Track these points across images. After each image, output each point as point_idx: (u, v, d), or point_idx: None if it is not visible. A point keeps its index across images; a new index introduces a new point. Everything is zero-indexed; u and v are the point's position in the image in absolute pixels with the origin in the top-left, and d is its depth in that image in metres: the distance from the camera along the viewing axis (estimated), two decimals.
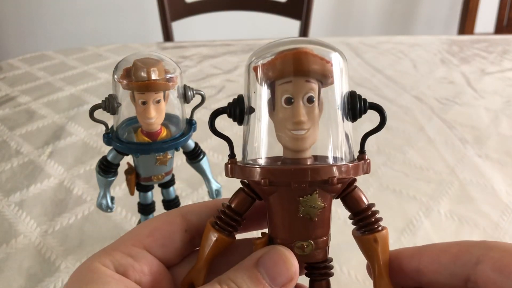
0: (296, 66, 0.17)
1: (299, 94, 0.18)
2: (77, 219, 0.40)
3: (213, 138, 0.55)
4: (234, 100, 0.20)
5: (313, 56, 0.17)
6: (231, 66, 0.78)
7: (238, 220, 0.19)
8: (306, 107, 0.18)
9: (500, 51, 0.89)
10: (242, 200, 0.19)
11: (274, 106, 0.18)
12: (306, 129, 0.18)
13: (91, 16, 1.53)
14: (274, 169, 0.17)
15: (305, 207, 0.18)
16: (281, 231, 0.18)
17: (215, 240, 0.19)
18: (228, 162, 0.20)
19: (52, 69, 0.76)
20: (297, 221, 0.18)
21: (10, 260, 0.36)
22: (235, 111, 0.20)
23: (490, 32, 1.40)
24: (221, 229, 0.19)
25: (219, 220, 0.19)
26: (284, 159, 0.18)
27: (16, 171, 0.48)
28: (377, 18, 1.82)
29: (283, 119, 0.18)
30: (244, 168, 0.18)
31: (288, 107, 0.18)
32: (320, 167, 0.17)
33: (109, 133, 0.30)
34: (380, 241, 0.18)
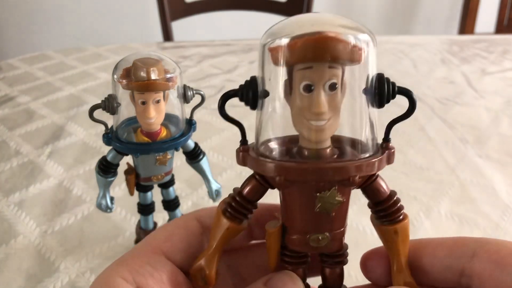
0: (318, 52, 0.15)
1: (320, 81, 0.16)
2: (77, 219, 0.40)
3: (213, 138, 0.55)
4: (247, 82, 0.17)
5: (339, 41, 0.15)
6: (231, 66, 0.78)
7: (249, 208, 0.18)
8: (327, 95, 0.16)
9: (500, 51, 0.88)
10: (254, 188, 0.18)
11: (291, 90, 0.16)
12: (326, 119, 0.16)
13: (90, 16, 1.53)
14: (290, 167, 0.16)
15: (322, 203, 0.17)
16: (296, 223, 0.18)
17: (226, 228, 0.18)
18: (240, 149, 0.18)
19: (52, 69, 0.76)
20: (313, 215, 0.17)
21: (10, 261, 0.35)
22: (247, 95, 0.17)
23: (491, 32, 1.40)
24: (232, 217, 0.18)
25: (230, 207, 0.18)
26: (300, 148, 0.17)
27: (16, 171, 0.48)
28: (377, 18, 1.82)
29: (301, 108, 0.16)
30: (258, 160, 0.17)
31: (307, 95, 0.16)
32: (340, 167, 0.16)
33: (108, 133, 0.29)
34: (401, 233, 0.18)
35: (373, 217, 0.19)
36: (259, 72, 0.18)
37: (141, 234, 0.35)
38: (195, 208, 0.42)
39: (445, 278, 0.18)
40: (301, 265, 0.19)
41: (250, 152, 0.18)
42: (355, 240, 0.38)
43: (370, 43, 0.16)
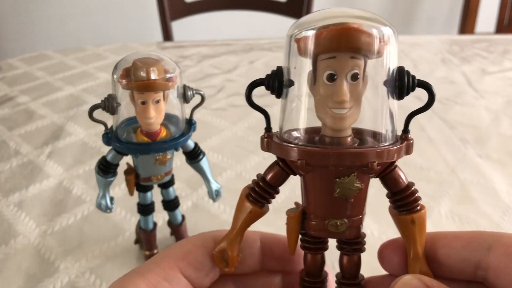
0: (342, 42, 0.16)
1: (343, 71, 0.17)
2: (77, 220, 0.40)
3: (213, 138, 0.54)
4: (273, 71, 0.18)
5: (361, 32, 0.16)
6: (231, 66, 0.78)
7: (271, 193, 0.19)
8: (349, 85, 0.17)
9: (500, 51, 0.88)
10: (276, 174, 0.19)
11: (315, 80, 0.17)
12: (347, 108, 0.17)
13: (90, 15, 1.53)
14: (311, 151, 0.17)
15: (341, 188, 0.17)
16: (315, 208, 0.18)
17: (249, 212, 0.19)
18: (265, 135, 0.19)
19: (51, 69, 0.76)
20: (332, 201, 0.18)
21: (9, 261, 0.35)
22: (274, 83, 0.18)
23: (491, 32, 1.40)
24: (255, 201, 0.19)
25: (253, 192, 0.19)
26: (322, 136, 0.18)
27: (15, 171, 0.48)
28: None
29: (324, 96, 0.17)
30: (281, 146, 0.18)
31: (330, 84, 0.17)
32: (359, 152, 0.16)
33: (108, 133, 0.29)
34: (417, 222, 0.18)
35: (391, 207, 0.19)
36: (285, 62, 0.18)
37: (141, 234, 0.35)
38: (195, 208, 0.42)
39: (460, 270, 0.18)
40: (320, 250, 0.20)
41: (274, 139, 0.18)
42: None
43: (392, 37, 0.17)
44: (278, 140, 0.18)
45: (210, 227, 0.40)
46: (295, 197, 0.20)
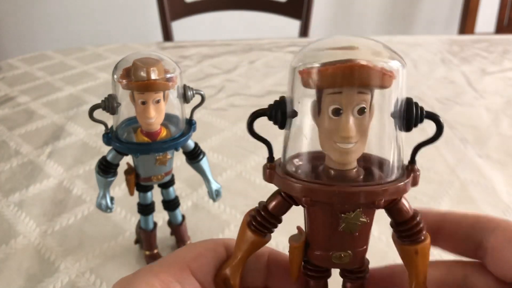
0: (348, 79, 0.16)
1: (349, 106, 0.16)
2: (77, 220, 0.40)
3: (213, 138, 0.55)
4: (276, 102, 0.18)
5: (369, 68, 0.16)
6: (231, 66, 0.78)
7: (273, 223, 0.19)
8: (355, 119, 0.16)
9: (500, 51, 0.88)
10: (279, 204, 0.18)
11: (319, 111, 0.17)
12: (353, 142, 0.17)
13: (90, 15, 1.53)
14: (317, 189, 0.16)
15: (346, 223, 0.17)
16: (319, 240, 0.18)
17: (251, 241, 0.18)
18: (267, 166, 0.18)
19: (52, 69, 0.76)
20: (337, 234, 0.17)
21: (10, 261, 0.35)
22: (277, 115, 0.18)
23: (491, 32, 1.40)
24: (257, 230, 0.18)
25: (255, 221, 0.19)
26: (326, 168, 0.17)
27: (16, 171, 0.48)
28: (377, 18, 1.82)
29: (329, 130, 0.17)
30: (285, 180, 0.17)
31: (336, 118, 0.16)
32: (367, 191, 0.16)
33: (108, 133, 0.29)
34: (421, 253, 0.18)
35: (395, 235, 0.19)
36: (288, 92, 0.18)
37: (141, 234, 0.35)
38: (195, 208, 0.42)
39: (463, 247, 0.19)
40: (323, 278, 0.20)
41: (277, 169, 0.18)
42: None
43: (399, 70, 0.17)
44: (281, 171, 0.18)
45: (210, 227, 0.40)
46: None
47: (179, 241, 0.36)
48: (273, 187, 0.20)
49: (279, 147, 0.19)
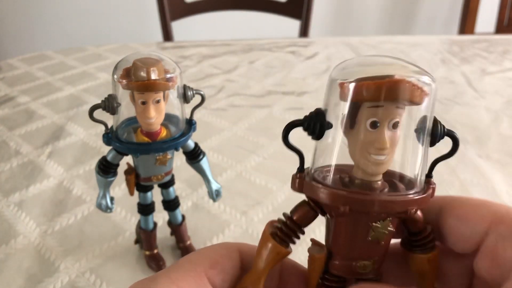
0: (392, 94, 0.17)
1: (386, 120, 0.17)
2: (77, 220, 0.40)
3: (213, 138, 0.55)
4: (313, 114, 0.18)
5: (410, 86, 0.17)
6: (231, 66, 0.78)
7: (298, 233, 0.19)
8: (390, 132, 0.17)
9: (500, 51, 0.88)
10: (305, 214, 0.19)
11: (352, 124, 0.18)
12: (386, 154, 0.17)
13: (90, 16, 1.53)
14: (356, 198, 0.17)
15: (376, 232, 0.18)
16: (346, 250, 0.19)
17: (277, 252, 0.18)
18: (297, 175, 0.19)
19: (52, 69, 0.76)
20: (365, 244, 0.18)
21: (10, 261, 0.35)
22: (315, 127, 0.18)
23: (491, 32, 1.40)
24: (281, 241, 0.19)
25: (280, 231, 0.19)
26: (353, 178, 0.18)
27: (16, 171, 0.48)
28: (377, 17, 1.82)
29: (365, 142, 0.17)
30: (321, 189, 0.18)
31: (372, 131, 0.17)
32: (402, 200, 0.17)
33: (108, 133, 0.29)
34: (433, 261, 0.19)
35: (404, 243, 0.19)
36: (324, 104, 0.19)
37: (141, 234, 0.35)
38: (195, 208, 0.42)
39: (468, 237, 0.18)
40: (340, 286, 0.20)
41: (306, 179, 0.18)
42: None
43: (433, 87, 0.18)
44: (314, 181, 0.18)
45: (210, 227, 0.40)
46: (295, 196, 0.20)
47: (179, 241, 0.36)
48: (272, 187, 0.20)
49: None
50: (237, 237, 0.39)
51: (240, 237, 0.39)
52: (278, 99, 0.66)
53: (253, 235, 0.39)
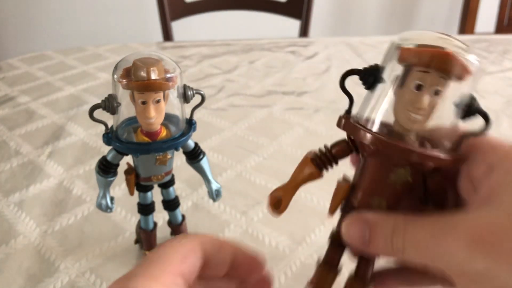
0: (440, 63, 0.20)
1: (430, 85, 0.20)
2: (77, 219, 0.40)
3: (213, 138, 0.55)
4: (371, 67, 0.22)
5: (457, 60, 0.20)
6: (231, 66, 0.78)
7: (333, 163, 0.23)
8: (430, 97, 0.20)
9: (500, 50, 0.88)
10: (342, 149, 0.23)
11: (401, 84, 0.21)
12: (423, 115, 0.20)
13: (90, 16, 1.53)
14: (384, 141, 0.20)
15: (395, 176, 0.21)
16: (367, 185, 0.22)
17: (311, 173, 0.23)
18: (344, 116, 0.22)
19: (52, 69, 0.76)
20: (384, 184, 0.21)
21: (10, 261, 0.35)
22: (369, 78, 0.22)
23: (491, 32, 1.40)
24: (318, 166, 0.23)
25: (319, 159, 0.23)
26: (391, 130, 0.21)
27: (16, 171, 0.48)
28: (377, 17, 1.82)
29: (407, 100, 0.20)
30: (361, 129, 0.21)
31: (416, 92, 0.20)
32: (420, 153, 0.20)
33: (108, 133, 0.29)
34: None
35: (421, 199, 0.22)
36: (383, 62, 0.22)
37: (141, 234, 0.35)
38: (195, 208, 0.42)
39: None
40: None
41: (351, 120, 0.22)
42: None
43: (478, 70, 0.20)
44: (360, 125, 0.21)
45: (210, 226, 0.40)
46: (295, 196, 0.22)
47: None
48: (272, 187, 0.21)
49: None
50: (237, 237, 0.39)
51: (240, 236, 0.39)
52: (278, 99, 0.66)
53: (253, 234, 0.39)
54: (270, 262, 0.36)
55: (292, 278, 0.34)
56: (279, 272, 0.35)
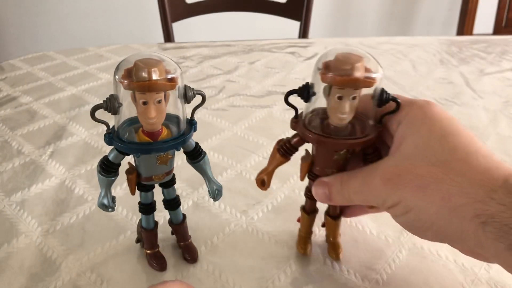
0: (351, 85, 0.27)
1: (347, 96, 0.28)
2: (78, 219, 0.41)
3: (214, 138, 0.55)
4: (303, 86, 0.29)
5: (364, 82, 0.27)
6: (232, 67, 0.79)
7: (293, 151, 0.31)
8: (350, 102, 0.28)
9: (499, 51, 0.89)
10: (298, 141, 0.31)
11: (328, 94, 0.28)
12: (347, 115, 0.28)
13: (92, 16, 1.53)
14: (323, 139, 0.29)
15: (338, 156, 0.30)
16: (321, 162, 0.32)
17: (280, 160, 0.32)
18: (294, 120, 0.31)
19: (54, 69, 0.77)
20: (332, 161, 0.31)
21: (11, 260, 0.36)
22: (304, 93, 0.29)
23: (489, 32, 1.40)
24: (283, 155, 0.31)
25: (282, 148, 0.31)
26: (329, 124, 0.30)
27: (18, 171, 0.48)
28: (376, 19, 1.83)
29: (333, 107, 0.28)
30: (305, 131, 0.30)
31: (338, 101, 0.28)
32: (350, 143, 0.29)
33: (110, 133, 0.30)
34: None
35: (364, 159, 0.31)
36: (311, 80, 0.29)
37: (142, 233, 0.36)
38: (195, 207, 0.43)
39: None
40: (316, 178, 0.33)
41: (299, 122, 0.31)
42: (354, 238, 0.38)
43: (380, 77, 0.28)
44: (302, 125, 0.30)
45: (210, 226, 0.40)
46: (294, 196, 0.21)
47: (180, 240, 0.37)
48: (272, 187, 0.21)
49: None
50: (237, 236, 0.39)
51: (240, 235, 0.39)
52: (278, 99, 0.66)
53: (253, 233, 0.39)
54: (270, 261, 0.36)
55: (292, 277, 0.35)
56: (279, 271, 0.35)
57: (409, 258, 0.37)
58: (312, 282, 0.34)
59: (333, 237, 0.36)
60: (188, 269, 0.35)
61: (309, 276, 0.35)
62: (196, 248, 0.37)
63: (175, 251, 0.37)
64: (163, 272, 0.35)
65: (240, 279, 0.34)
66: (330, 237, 0.37)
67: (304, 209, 0.36)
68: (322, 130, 0.30)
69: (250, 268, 0.35)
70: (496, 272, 0.35)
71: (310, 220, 0.36)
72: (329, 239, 0.37)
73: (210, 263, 0.36)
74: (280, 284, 0.34)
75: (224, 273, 0.35)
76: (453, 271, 0.35)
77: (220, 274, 0.35)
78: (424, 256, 0.37)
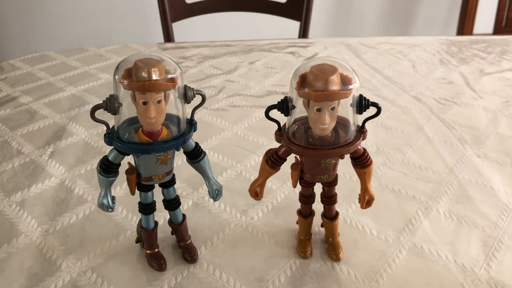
0: (326, 99, 0.28)
1: (325, 107, 0.29)
2: (78, 219, 0.41)
3: (214, 138, 0.55)
4: (282, 101, 0.31)
5: (340, 94, 0.28)
6: (231, 67, 0.79)
7: (281, 162, 0.33)
8: (329, 112, 0.29)
9: (498, 51, 0.89)
10: (284, 152, 0.32)
11: (308, 106, 0.30)
12: (327, 125, 0.29)
13: (92, 17, 1.53)
14: (307, 151, 0.31)
15: (324, 164, 0.32)
16: (310, 170, 0.33)
17: (269, 172, 0.33)
18: (277, 133, 0.32)
19: (53, 69, 0.77)
20: (320, 168, 0.32)
21: (12, 260, 0.36)
22: (283, 107, 0.30)
23: (489, 32, 1.40)
24: (271, 165, 0.33)
25: (270, 160, 0.33)
26: (312, 134, 0.31)
27: (17, 171, 0.48)
28: (376, 19, 1.83)
29: (314, 119, 0.29)
30: (289, 144, 0.31)
31: (317, 113, 0.29)
32: (337, 151, 0.30)
33: (110, 133, 0.30)
34: (367, 172, 0.33)
35: (353, 163, 0.33)
36: (289, 94, 0.31)
37: (142, 233, 0.36)
38: (195, 207, 0.43)
39: None
40: (311, 186, 0.35)
41: (283, 134, 0.32)
42: (354, 238, 0.39)
43: (355, 88, 0.29)
44: (286, 138, 0.31)
45: (210, 226, 0.40)
46: (295, 196, 0.21)
47: (180, 240, 0.37)
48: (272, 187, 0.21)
49: None
50: (237, 236, 0.39)
51: (240, 235, 0.39)
52: (278, 99, 0.66)
53: (253, 233, 0.39)
54: (270, 261, 0.36)
55: (292, 277, 0.35)
56: (279, 271, 0.35)
57: (409, 258, 0.37)
58: (312, 282, 0.34)
59: (333, 238, 0.37)
60: (188, 269, 0.35)
61: (309, 276, 0.35)
62: (196, 248, 0.37)
63: (175, 251, 0.37)
64: (163, 272, 0.35)
65: (240, 279, 0.34)
66: (330, 238, 0.37)
67: (300, 213, 0.37)
68: (307, 140, 0.31)
69: (250, 268, 0.35)
70: (496, 272, 0.35)
71: (307, 223, 0.36)
72: (329, 240, 0.37)
73: (210, 263, 0.36)
74: (280, 284, 0.34)
75: (224, 273, 0.35)
76: (453, 271, 0.35)
77: (220, 274, 0.35)
78: (424, 256, 0.37)
